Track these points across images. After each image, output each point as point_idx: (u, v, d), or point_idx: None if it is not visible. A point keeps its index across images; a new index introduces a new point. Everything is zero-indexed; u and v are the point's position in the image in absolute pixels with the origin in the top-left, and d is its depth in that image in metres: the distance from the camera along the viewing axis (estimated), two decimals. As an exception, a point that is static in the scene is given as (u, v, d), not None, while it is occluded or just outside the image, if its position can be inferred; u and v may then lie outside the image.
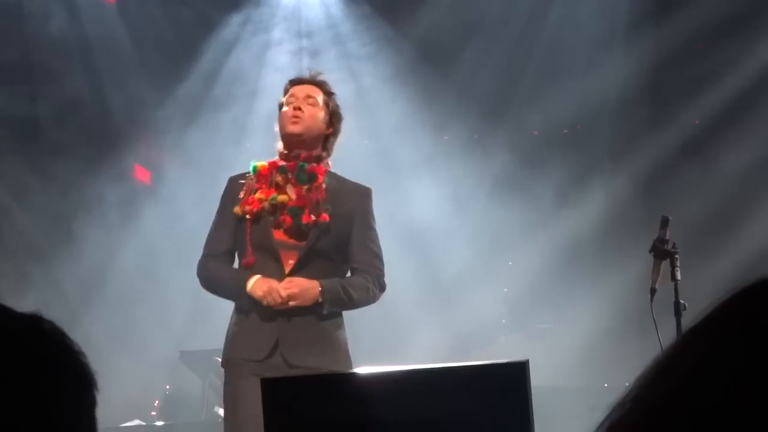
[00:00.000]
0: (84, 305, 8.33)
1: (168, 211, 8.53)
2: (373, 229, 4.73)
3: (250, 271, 4.59)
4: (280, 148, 4.71)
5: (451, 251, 8.60)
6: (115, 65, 8.78)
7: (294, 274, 4.57)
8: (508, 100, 8.77)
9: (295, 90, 4.74)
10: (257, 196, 4.63)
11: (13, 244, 8.56)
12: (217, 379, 6.64)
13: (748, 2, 8.40)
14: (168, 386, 8.28)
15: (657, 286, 4.27)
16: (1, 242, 8.54)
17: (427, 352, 7.69)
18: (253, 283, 4.55)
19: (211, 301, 5.01)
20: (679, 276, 4.30)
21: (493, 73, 8.79)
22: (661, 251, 4.31)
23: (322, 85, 4.78)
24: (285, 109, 4.70)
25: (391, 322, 8.14)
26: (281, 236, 4.61)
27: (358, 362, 4.52)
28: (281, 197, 4.62)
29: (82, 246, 8.52)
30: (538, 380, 3.21)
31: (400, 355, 7.66)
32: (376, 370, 3.01)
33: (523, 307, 8.45)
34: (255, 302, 4.55)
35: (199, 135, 8.71)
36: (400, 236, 8.13)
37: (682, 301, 4.27)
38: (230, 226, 4.69)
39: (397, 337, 8.12)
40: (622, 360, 6.91)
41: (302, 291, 4.52)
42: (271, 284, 4.52)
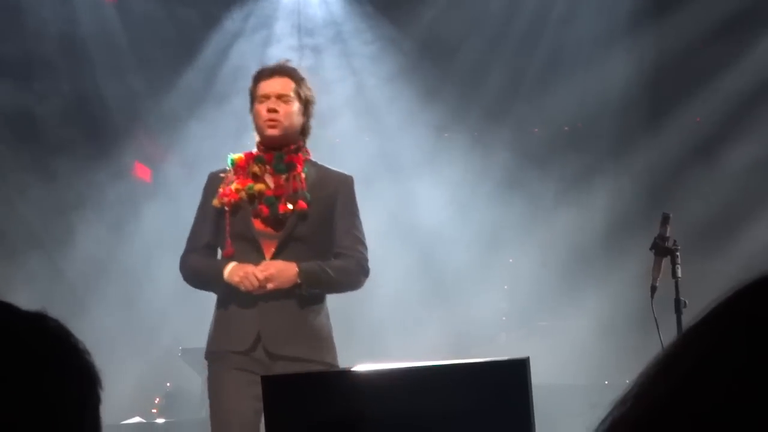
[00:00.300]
0: (85, 302, 8.32)
1: (168, 208, 8.52)
2: (357, 216, 4.69)
3: (230, 261, 4.57)
4: (258, 140, 4.69)
5: (452, 249, 8.59)
6: (116, 62, 8.77)
7: None
8: (510, 98, 8.77)
9: (266, 87, 4.63)
10: (234, 186, 4.61)
11: (14, 241, 8.55)
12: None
13: (748, 1, 8.39)
14: (169, 383, 8.27)
15: (658, 284, 4.26)
16: (2, 239, 8.54)
17: (428, 350, 7.68)
18: (230, 270, 4.52)
19: (212, 298, 5.00)
20: (679, 273, 4.29)
21: (495, 72, 8.79)
22: (662, 248, 4.31)
23: (291, 74, 4.67)
24: (258, 107, 4.63)
25: (393, 320, 8.14)
26: (261, 226, 4.60)
27: (360, 359, 4.49)
28: (258, 186, 4.59)
29: (83, 243, 8.51)
30: (539, 377, 3.21)
31: (401, 353, 7.66)
32: (377, 367, 3.01)
33: (523, 304, 8.44)
34: (234, 291, 4.51)
35: (199, 132, 8.69)
36: (402, 234, 8.13)
37: (682, 299, 4.27)
38: (210, 220, 4.68)
39: (398, 334, 8.11)
40: (622, 357, 6.90)
41: (279, 272, 4.47)
42: (247, 269, 4.48)
